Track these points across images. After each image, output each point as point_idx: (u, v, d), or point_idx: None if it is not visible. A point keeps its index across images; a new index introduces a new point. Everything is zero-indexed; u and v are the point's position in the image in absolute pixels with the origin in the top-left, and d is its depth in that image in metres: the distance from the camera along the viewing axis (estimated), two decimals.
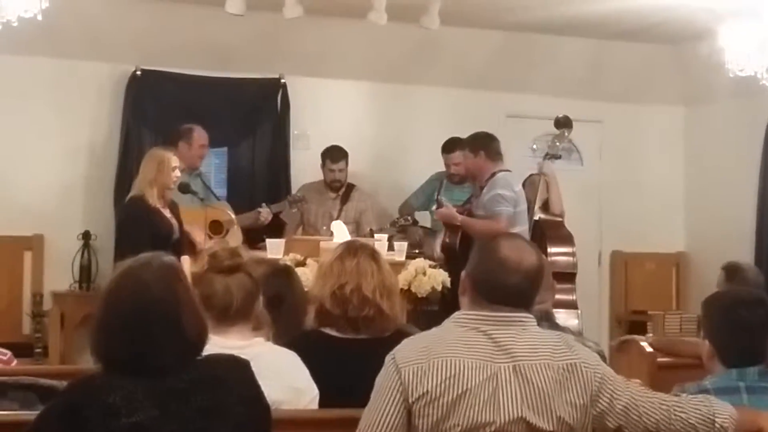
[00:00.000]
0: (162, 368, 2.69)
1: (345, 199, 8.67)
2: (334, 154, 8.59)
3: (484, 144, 7.60)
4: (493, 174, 7.44)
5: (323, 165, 8.63)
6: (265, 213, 8.10)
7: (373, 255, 4.04)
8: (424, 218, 8.69)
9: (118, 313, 2.74)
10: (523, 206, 7.53)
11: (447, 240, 7.55)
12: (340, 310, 3.88)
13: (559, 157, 8.09)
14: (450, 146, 8.61)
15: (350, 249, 4.04)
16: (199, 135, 8.17)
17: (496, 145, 7.64)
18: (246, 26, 8.16)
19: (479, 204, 7.46)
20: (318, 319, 3.95)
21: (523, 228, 7.42)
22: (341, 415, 3.32)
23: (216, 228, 7.76)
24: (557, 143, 8.08)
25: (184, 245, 7.28)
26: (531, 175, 8.74)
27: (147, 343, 2.69)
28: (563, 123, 8.20)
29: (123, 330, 2.71)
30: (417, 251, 7.74)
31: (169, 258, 2.88)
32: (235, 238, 7.70)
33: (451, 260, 7.40)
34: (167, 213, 7.17)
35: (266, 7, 7.70)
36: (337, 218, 8.22)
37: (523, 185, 8.90)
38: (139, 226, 7.03)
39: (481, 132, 7.81)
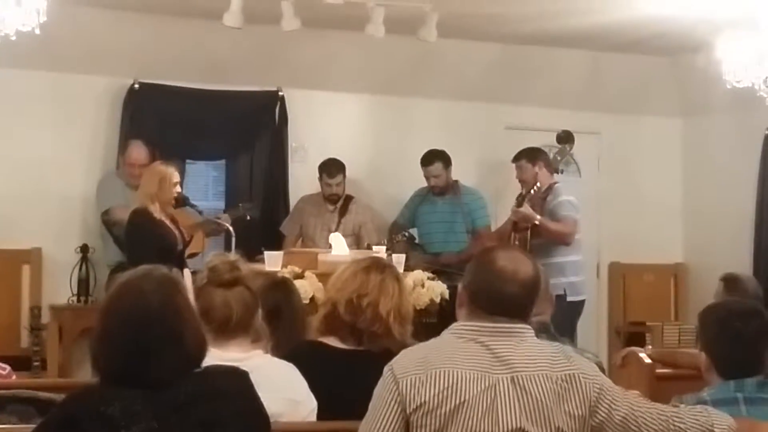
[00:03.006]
0: (161, 380, 2.68)
1: (343, 211, 8.66)
2: (331, 169, 8.58)
3: (543, 155, 7.98)
4: (552, 185, 7.78)
5: (320, 179, 8.63)
6: (224, 218, 8.05)
7: (398, 278, 4.02)
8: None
9: (117, 324, 2.74)
10: (581, 215, 7.89)
11: (517, 243, 7.58)
12: (351, 319, 3.87)
13: (561, 172, 8.17)
14: (428, 159, 8.68)
15: (378, 265, 4.03)
16: (128, 154, 8.19)
17: (549, 158, 8.04)
18: (244, 39, 8.17)
19: (544, 210, 7.68)
20: (325, 322, 3.94)
21: (579, 235, 7.85)
22: (339, 427, 3.33)
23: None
24: (558, 158, 8.16)
25: (184, 257, 7.33)
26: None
27: (146, 353, 2.69)
28: (565, 138, 8.32)
29: (122, 340, 2.70)
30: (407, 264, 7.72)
31: (168, 270, 2.89)
32: (197, 243, 7.79)
33: None
34: (170, 224, 7.21)
35: (264, 19, 7.71)
36: (335, 231, 8.22)
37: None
38: (145, 238, 7.07)
39: (531, 146, 8.20)
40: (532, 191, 7.69)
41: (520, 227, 7.67)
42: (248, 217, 8.12)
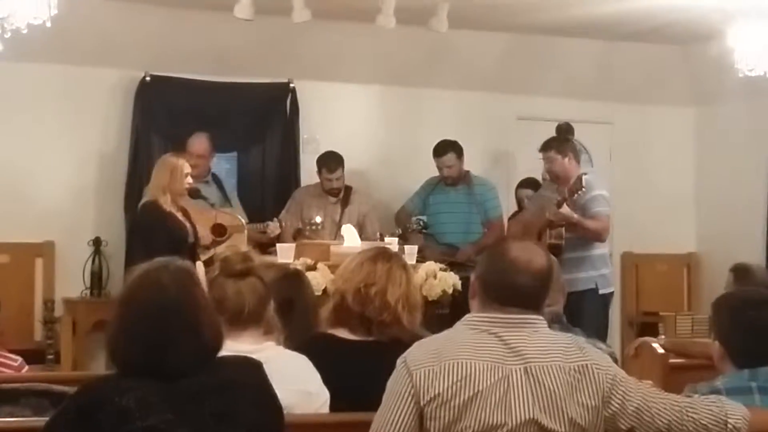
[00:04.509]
0: (177, 371, 2.70)
1: (345, 202, 8.59)
2: (330, 164, 8.47)
3: (571, 146, 7.81)
4: (580, 176, 7.47)
5: (319, 173, 8.56)
6: (272, 227, 8.05)
7: (405, 267, 4.02)
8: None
9: (135, 316, 2.75)
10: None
11: (553, 241, 7.51)
12: (360, 308, 3.87)
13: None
14: (441, 149, 8.62)
15: (385, 254, 4.04)
16: (190, 144, 8.17)
17: (576, 147, 7.87)
18: (255, 31, 8.17)
19: (576, 204, 7.47)
20: (335, 314, 3.94)
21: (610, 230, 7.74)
22: (352, 419, 3.32)
23: (219, 231, 7.77)
24: None
25: (197, 250, 7.34)
26: (523, 183, 8.80)
27: (164, 345, 2.70)
28: (564, 130, 8.33)
29: (140, 332, 2.72)
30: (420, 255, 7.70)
31: (184, 262, 2.90)
32: (238, 243, 7.74)
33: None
34: (181, 217, 7.22)
35: (275, 11, 7.71)
36: (338, 222, 8.22)
37: (518, 188, 8.97)
38: (154, 231, 7.09)
39: (558, 136, 8.13)
40: (576, 195, 7.39)
41: (556, 224, 7.55)
42: (307, 232, 8.14)
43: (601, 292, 7.54)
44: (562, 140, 7.98)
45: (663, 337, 7.48)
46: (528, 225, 7.87)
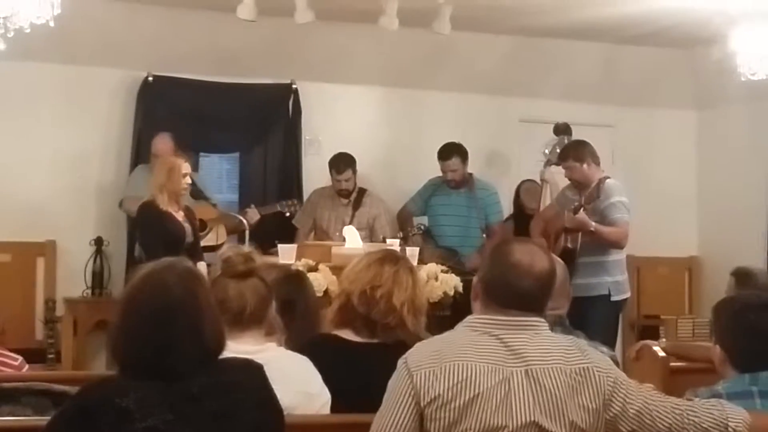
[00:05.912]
0: (178, 372, 2.70)
1: (357, 204, 8.64)
2: (339, 165, 8.52)
3: (589, 151, 7.64)
4: (601, 180, 7.41)
5: (330, 173, 8.62)
6: (251, 213, 8.07)
7: (412, 270, 4.01)
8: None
9: (138, 316, 2.75)
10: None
11: (569, 245, 7.45)
12: (365, 310, 3.86)
13: (558, 164, 8.04)
14: (446, 153, 8.60)
15: (392, 257, 4.03)
16: (153, 145, 8.17)
17: (593, 149, 7.68)
18: (257, 32, 8.17)
19: (594, 210, 7.37)
20: (340, 314, 3.93)
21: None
22: (353, 420, 3.32)
23: (200, 225, 7.78)
24: (557, 150, 8.10)
25: (198, 250, 7.34)
26: (525, 182, 8.77)
27: (166, 346, 2.70)
28: (562, 130, 8.34)
29: (143, 332, 2.72)
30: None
31: (189, 263, 2.90)
32: (217, 236, 7.81)
33: (570, 264, 7.25)
34: (180, 217, 7.21)
35: (278, 12, 7.71)
36: (349, 224, 8.21)
37: (518, 191, 8.94)
38: (151, 230, 7.10)
39: (573, 141, 8.02)
40: (593, 202, 7.32)
41: (572, 233, 7.47)
42: (287, 214, 8.15)
43: (613, 298, 7.42)
44: (577, 146, 7.80)
45: (664, 340, 7.45)
46: (549, 224, 7.79)
